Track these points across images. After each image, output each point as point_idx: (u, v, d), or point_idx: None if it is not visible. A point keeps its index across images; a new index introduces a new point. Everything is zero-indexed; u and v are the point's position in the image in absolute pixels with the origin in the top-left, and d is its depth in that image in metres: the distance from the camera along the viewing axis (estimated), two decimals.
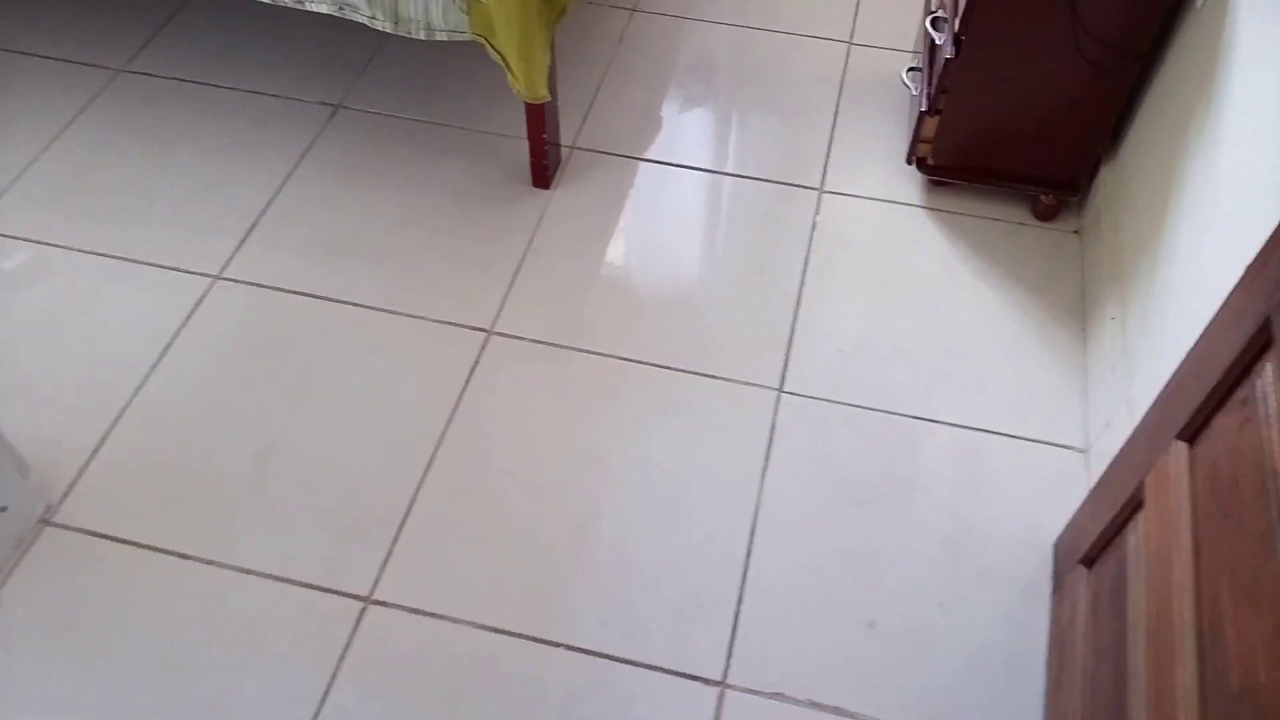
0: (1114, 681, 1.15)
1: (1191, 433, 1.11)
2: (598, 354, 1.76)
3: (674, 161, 2.08)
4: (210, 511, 1.56)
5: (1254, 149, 1.28)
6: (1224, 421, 1.04)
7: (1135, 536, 1.21)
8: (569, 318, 1.81)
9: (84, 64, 2.23)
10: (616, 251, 1.93)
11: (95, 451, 1.62)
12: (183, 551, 1.51)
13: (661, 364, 1.74)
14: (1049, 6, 1.65)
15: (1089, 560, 1.36)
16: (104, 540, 1.53)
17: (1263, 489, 0.91)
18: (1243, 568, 0.92)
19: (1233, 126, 1.37)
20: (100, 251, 1.89)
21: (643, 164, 2.08)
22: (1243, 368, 1.02)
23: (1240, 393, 1.02)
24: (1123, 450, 1.32)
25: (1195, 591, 1.01)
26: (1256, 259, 1.03)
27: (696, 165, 2.08)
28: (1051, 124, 1.81)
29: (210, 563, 1.51)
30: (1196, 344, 1.14)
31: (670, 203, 2.02)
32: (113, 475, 1.60)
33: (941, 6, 1.93)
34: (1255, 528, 0.91)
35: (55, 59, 2.24)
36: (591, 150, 2.10)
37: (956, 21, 1.75)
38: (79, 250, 1.89)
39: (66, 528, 1.54)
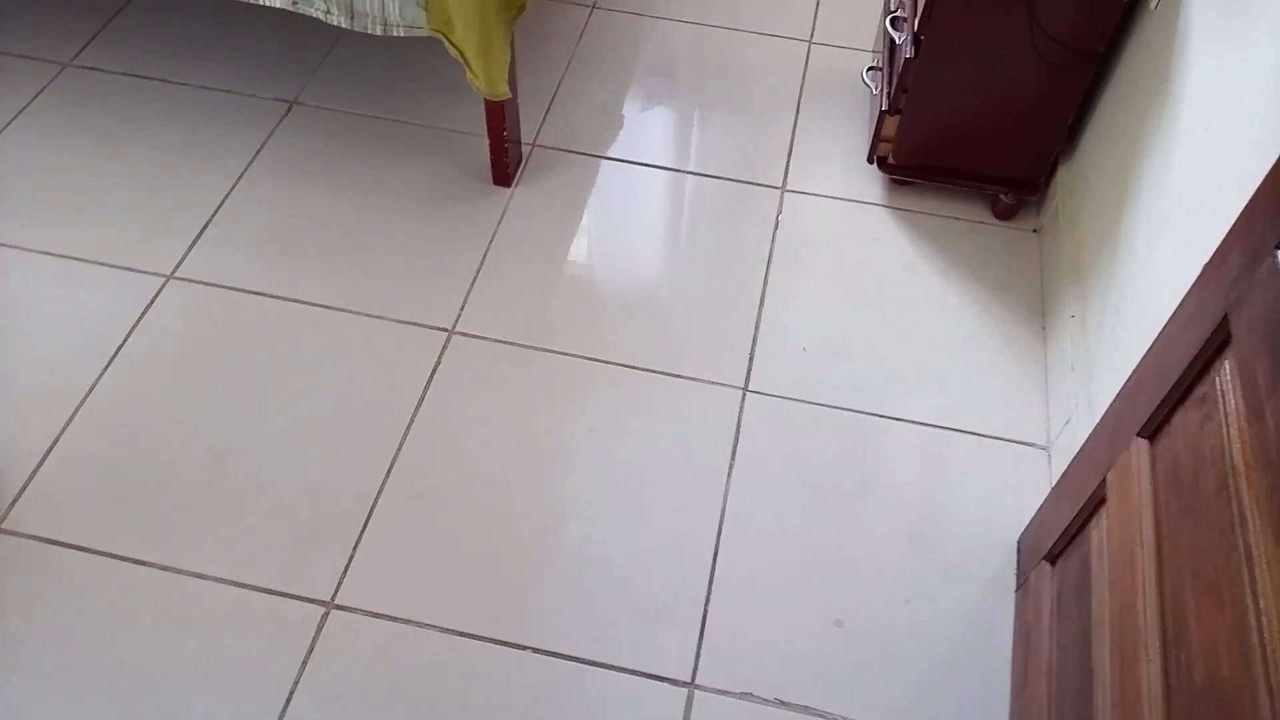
0: (1079, 677, 1.16)
1: (1152, 430, 1.13)
2: (561, 353, 1.74)
3: (636, 160, 2.07)
4: (166, 516, 1.52)
5: (1207, 147, 1.30)
6: (1184, 419, 1.06)
7: (1098, 533, 1.22)
8: (532, 317, 1.79)
9: (28, 58, 2.17)
10: (579, 250, 1.92)
11: (45, 456, 1.58)
12: (138, 557, 1.48)
13: (626, 363, 1.74)
14: (1007, 7, 1.66)
15: (1053, 557, 1.37)
16: (56, 547, 1.49)
17: (1223, 485, 0.92)
18: (1205, 564, 0.93)
19: (1186, 125, 1.39)
20: (49, 251, 1.84)
21: (604, 162, 2.07)
22: (1202, 365, 1.03)
23: (1200, 390, 1.03)
24: (1084, 447, 1.33)
25: (1158, 587, 1.02)
26: (1213, 257, 1.04)
27: (658, 163, 2.07)
28: (1010, 123, 1.83)
29: (167, 569, 1.47)
30: (1156, 341, 1.15)
31: (632, 201, 2.01)
32: (64, 480, 1.56)
33: (901, 6, 1.94)
34: (1217, 524, 0.92)
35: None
36: (553, 148, 2.08)
37: (915, 21, 1.76)
38: (26, 249, 1.84)
39: (16, 534, 1.49)
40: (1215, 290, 1.03)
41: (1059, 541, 1.34)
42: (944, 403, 1.70)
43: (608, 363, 1.74)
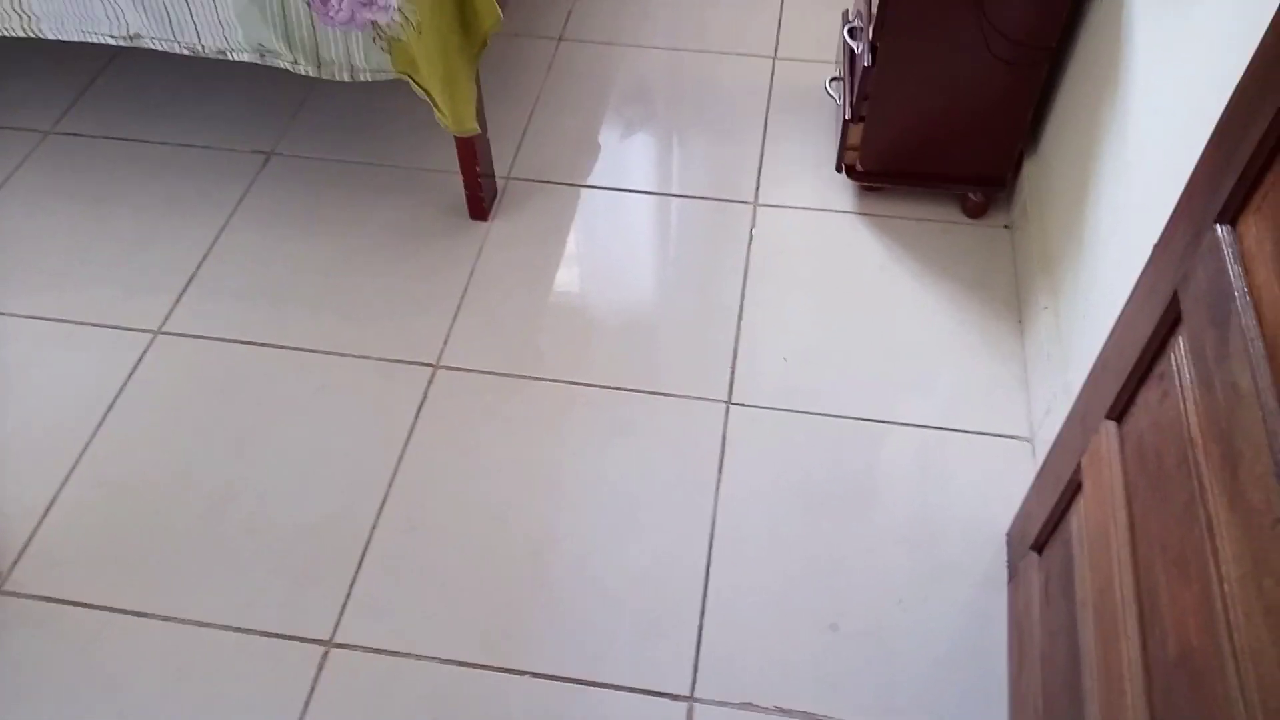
0: (1068, 661, 1.17)
1: (1119, 411, 1.14)
2: (545, 380, 1.77)
3: (610, 185, 2.10)
4: (165, 567, 1.54)
5: (1157, 131, 1.33)
6: (1146, 397, 1.07)
7: (1077, 518, 1.23)
8: (515, 346, 1.81)
9: (10, 128, 2.22)
10: (558, 277, 1.94)
11: (44, 515, 1.60)
12: (139, 609, 1.50)
13: (610, 385, 1.76)
14: (956, 8, 1.69)
15: (1039, 546, 1.38)
16: (57, 604, 1.50)
17: (1183, 459, 0.94)
18: (1171, 538, 0.94)
19: (1136, 111, 1.41)
20: (38, 315, 1.87)
21: (579, 189, 2.10)
22: (1159, 343, 1.05)
23: (1158, 367, 1.05)
24: (1060, 435, 1.35)
25: (1133, 566, 1.03)
26: (1162, 236, 1.06)
27: (632, 187, 2.10)
28: (972, 123, 1.85)
29: (168, 619, 1.49)
30: (1116, 324, 1.17)
31: (609, 226, 2.03)
32: (64, 538, 1.58)
33: (858, 16, 1.97)
34: (1179, 498, 0.94)
35: None
36: (527, 180, 2.11)
37: (871, 29, 1.79)
38: (15, 315, 1.87)
39: (18, 595, 1.51)
40: (1165, 269, 1.05)
41: (1043, 530, 1.35)
42: (926, 403, 1.72)
43: (591, 385, 1.75)
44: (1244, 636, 0.78)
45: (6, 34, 1.79)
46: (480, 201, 1.98)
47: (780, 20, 2.48)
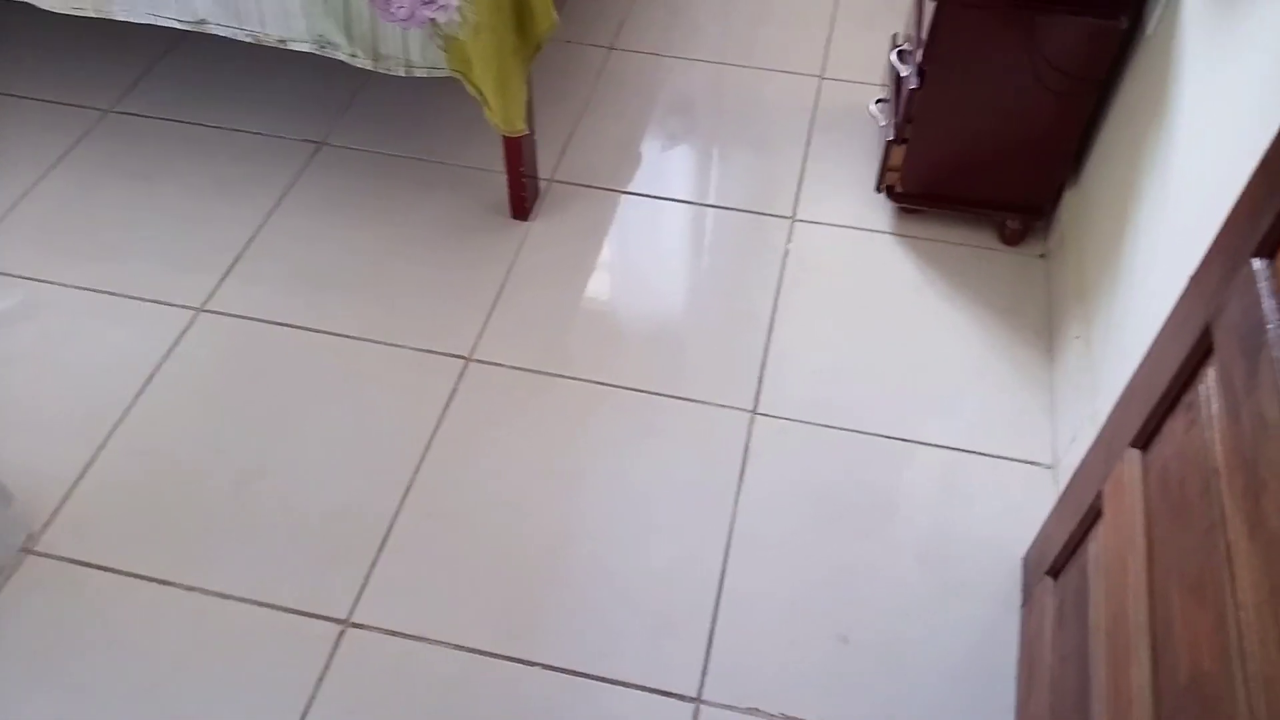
0: (1078, 686, 1.17)
1: (1144, 439, 1.15)
2: (575, 379, 1.79)
3: (650, 193, 2.13)
4: (191, 538, 1.58)
5: (1199, 165, 1.33)
6: (1172, 426, 1.08)
7: (1095, 544, 1.24)
8: (547, 344, 1.84)
9: (73, 105, 2.28)
10: (594, 280, 1.97)
11: (78, 481, 1.64)
12: (163, 578, 1.53)
13: (638, 388, 1.77)
14: (1008, 36, 1.70)
15: (1055, 571, 1.39)
16: (85, 568, 1.54)
17: (1206, 487, 0.94)
18: (1189, 563, 0.95)
19: (1181, 145, 1.42)
20: (86, 286, 1.92)
21: (620, 195, 2.12)
22: (1188, 374, 1.05)
23: (1187, 398, 1.05)
24: (1083, 462, 1.35)
25: (1148, 592, 1.03)
26: (1198, 269, 1.07)
27: (672, 196, 2.12)
28: (1015, 150, 1.86)
29: (191, 588, 1.52)
30: (1147, 354, 1.17)
31: (647, 232, 2.06)
32: (95, 504, 1.61)
33: (907, 39, 1.99)
34: (1200, 525, 0.94)
35: (45, 100, 2.29)
36: (569, 183, 2.14)
37: (919, 53, 1.81)
38: (65, 285, 1.92)
39: (48, 556, 1.55)
40: (1199, 301, 1.05)
41: (1060, 555, 1.35)
42: (951, 424, 1.72)
43: (619, 387, 1.77)
44: (1257, 663, 0.78)
45: (78, 13, 1.84)
46: (523, 201, 2.01)
47: (829, 40, 2.50)
